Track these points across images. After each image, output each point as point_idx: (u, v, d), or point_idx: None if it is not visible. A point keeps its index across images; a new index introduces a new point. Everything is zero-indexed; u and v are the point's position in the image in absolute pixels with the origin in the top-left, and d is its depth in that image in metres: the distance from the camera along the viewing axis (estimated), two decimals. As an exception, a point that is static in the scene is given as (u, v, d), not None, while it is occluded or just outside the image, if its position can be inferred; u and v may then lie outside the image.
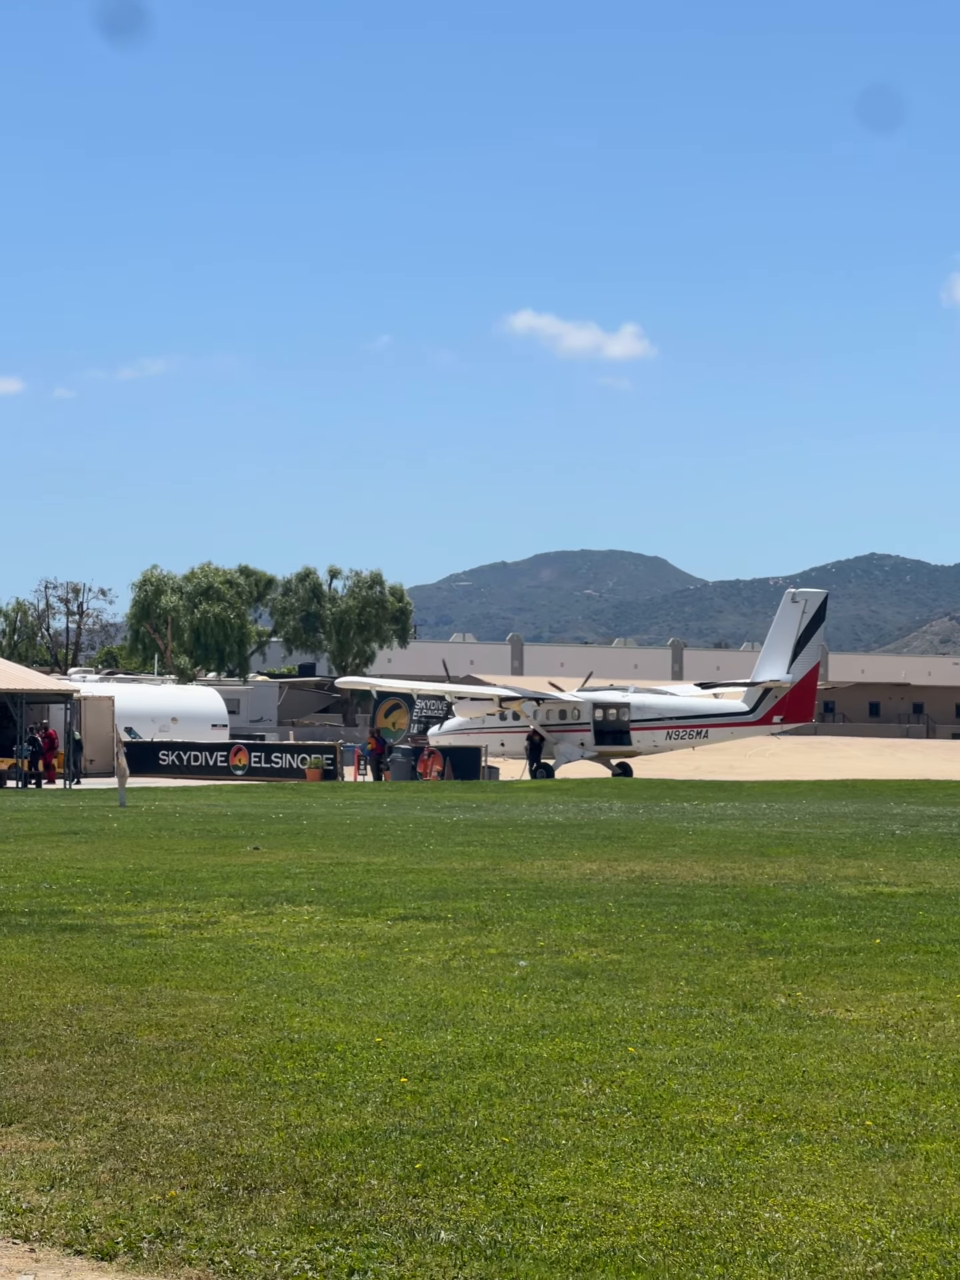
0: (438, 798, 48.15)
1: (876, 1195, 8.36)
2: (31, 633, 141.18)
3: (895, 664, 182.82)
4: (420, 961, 15.66)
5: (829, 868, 24.85)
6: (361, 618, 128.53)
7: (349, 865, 25.38)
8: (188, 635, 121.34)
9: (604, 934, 17.44)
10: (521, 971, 15.02)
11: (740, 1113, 9.90)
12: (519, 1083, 10.64)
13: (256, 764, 68.71)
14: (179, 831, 33.36)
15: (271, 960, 15.74)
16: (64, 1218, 8.17)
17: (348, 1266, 7.47)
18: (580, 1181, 8.55)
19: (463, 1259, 7.51)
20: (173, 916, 18.91)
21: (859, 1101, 10.19)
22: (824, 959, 15.78)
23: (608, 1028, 12.40)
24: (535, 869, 24.74)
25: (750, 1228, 7.88)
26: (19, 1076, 10.92)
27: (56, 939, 17.16)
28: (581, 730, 67.35)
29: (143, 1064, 11.24)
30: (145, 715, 76.48)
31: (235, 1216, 8.12)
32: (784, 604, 67.20)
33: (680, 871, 24.28)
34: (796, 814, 39.33)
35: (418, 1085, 10.57)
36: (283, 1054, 11.48)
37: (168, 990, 14.04)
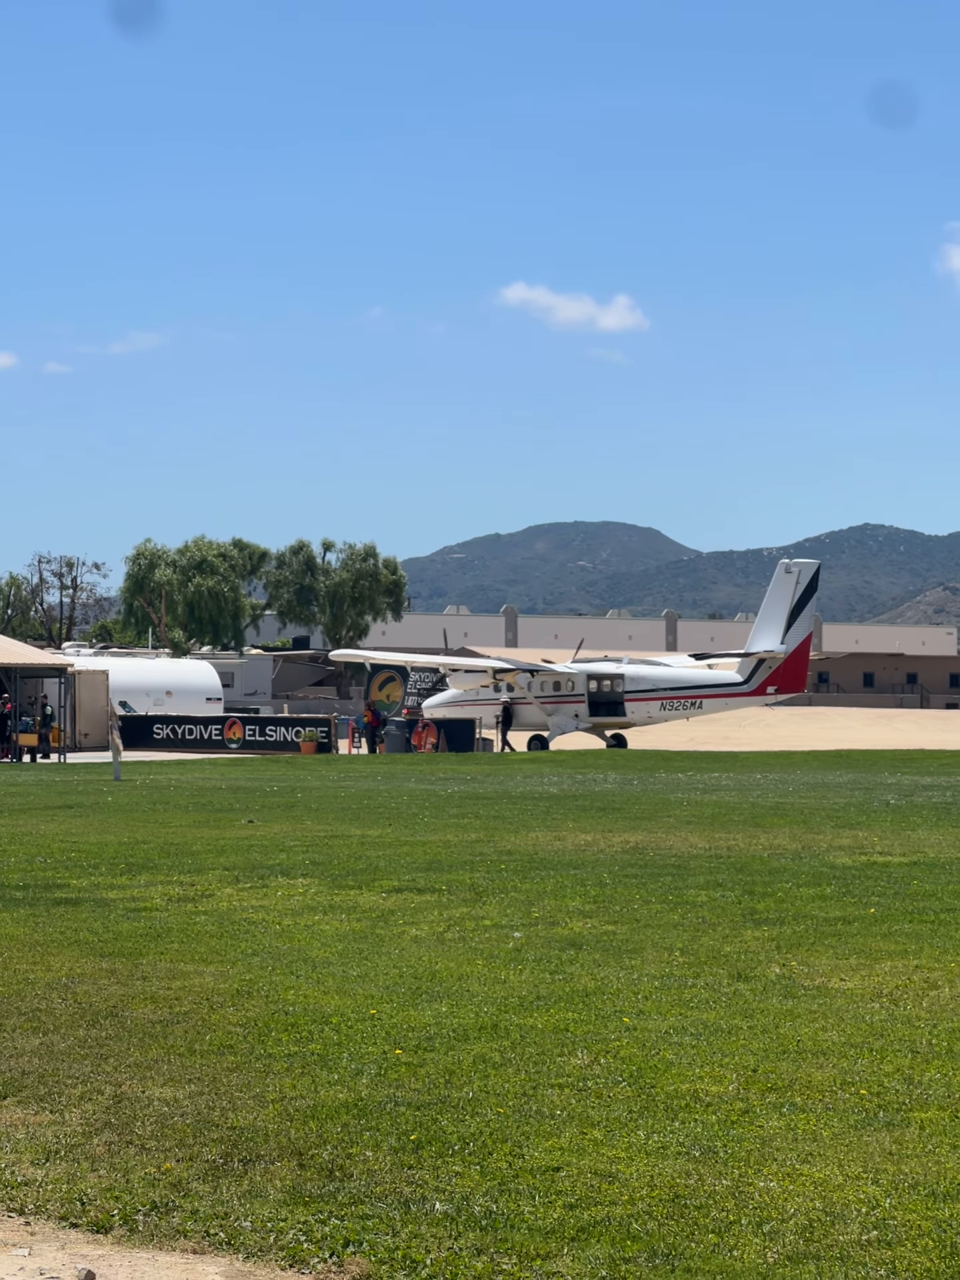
0: (432, 770, 48.15)
1: (871, 1164, 8.36)
2: (25, 607, 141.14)
3: (889, 634, 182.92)
4: (415, 934, 15.67)
5: (824, 838, 24.87)
6: (355, 590, 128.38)
7: (343, 838, 25.38)
8: (182, 609, 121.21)
9: (599, 905, 17.45)
10: (516, 943, 15.03)
11: (735, 1082, 9.91)
12: (514, 1054, 10.65)
13: (251, 737, 68.69)
14: (173, 805, 33.35)
15: (266, 933, 15.74)
16: (59, 1191, 8.17)
17: (343, 1238, 7.47)
18: (575, 1152, 8.55)
19: (458, 1230, 7.52)
20: (167, 890, 18.91)
21: (854, 1070, 10.20)
22: (818, 929, 15.79)
23: (602, 998, 12.40)
24: (530, 841, 24.74)
25: (745, 1197, 7.88)
26: (14, 1050, 10.92)
27: (51, 913, 17.16)
28: (576, 702, 67.34)
29: (138, 1037, 11.24)
30: (139, 689, 76.44)
31: (230, 1189, 8.12)
32: (777, 574, 67.17)
33: (675, 842, 24.29)
34: (791, 784, 39.35)
35: (412, 1057, 10.57)
36: (277, 1026, 11.48)
37: (162, 963, 14.04)
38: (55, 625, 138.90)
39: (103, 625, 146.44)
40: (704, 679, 68.25)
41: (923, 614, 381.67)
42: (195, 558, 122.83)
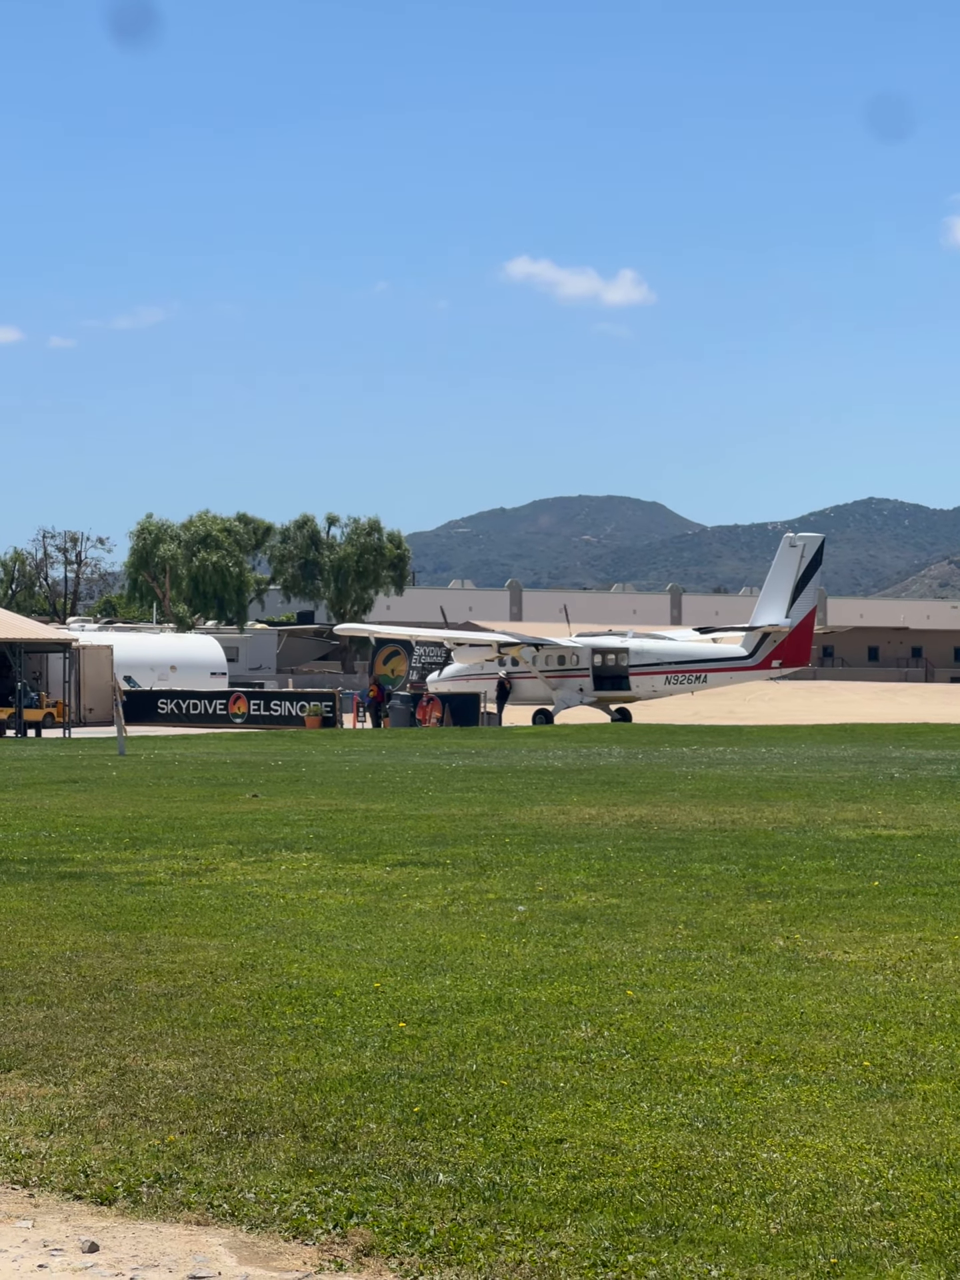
0: (437, 744, 48.17)
1: (874, 1135, 8.37)
2: (30, 582, 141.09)
3: (894, 608, 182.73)
4: (419, 907, 15.68)
5: (827, 811, 24.87)
6: (360, 565, 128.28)
7: (348, 812, 25.40)
8: (186, 583, 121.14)
9: (603, 878, 17.46)
10: (520, 916, 15.04)
11: (738, 1054, 9.91)
12: (517, 1026, 10.66)
13: (255, 712, 68.75)
14: (178, 779, 33.39)
15: (270, 907, 15.75)
16: (63, 1163, 8.18)
17: (347, 1209, 7.48)
18: (579, 1124, 8.56)
19: (461, 1201, 7.52)
20: (171, 864, 18.93)
21: (857, 1042, 10.21)
22: (822, 901, 15.80)
23: (606, 971, 12.41)
24: (534, 814, 24.76)
25: (748, 1168, 7.89)
26: (18, 1023, 10.93)
27: (55, 887, 17.18)
28: (580, 676, 67.35)
29: (142, 1010, 11.25)
30: (144, 664, 76.51)
31: (234, 1161, 8.13)
32: (782, 548, 67.13)
33: (679, 816, 24.30)
34: (795, 758, 39.36)
35: (416, 1030, 10.58)
36: (281, 1000, 11.49)
37: (166, 937, 14.06)
38: (60, 600, 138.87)
39: (107, 600, 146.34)
40: (708, 653, 68.25)
41: (927, 588, 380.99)
42: (200, 532, 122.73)
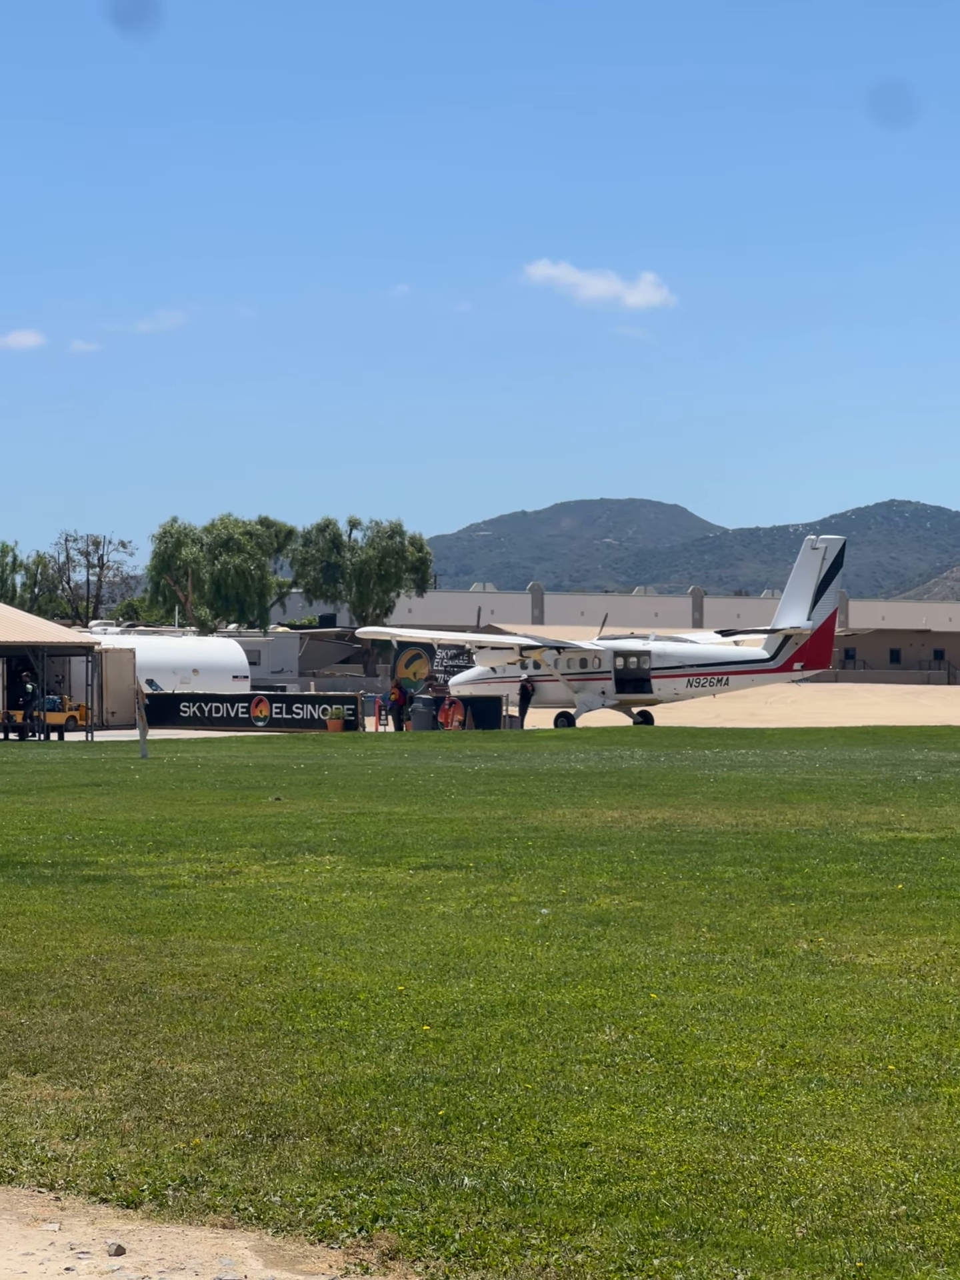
0: (459, 747, 48.17)
1: (899, 1139, 8.36)
2: (52, 586, 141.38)
3: (916, 610, 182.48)
4: (442, 910, 15.68)
5: (850, 814, 24.84)
6: (381, 568, 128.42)
7: (370, 815, 25.41)
8: (208, 587, 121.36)
9: (626, 881, 17.46)
10: (543, 919, 15.04)
11: (763, 1058, 9.91)
12: (541, 1030, 10.66)
13: (277, 715, 68.79)
14: (200, 783, 33.41)
15: (294, 910, 15.77)
16: (89, 1166, 8.20)
17: (372, 1213, 7.49)
18: (603, 1127, 8.56)
19: (486, 1204, 7.53)
20: (195, 867, 18.95)
21: (881, 1046, 10.20)
22: (846, 905, 15.78)
23: (630, 974, 12.41)
24: (557, 817, 24.75)
25: (773, 1172, 7.89)
26: (44, 1026, 10.96)
27: (80, 890, 17.21)
28: (603, 678, 67.28)
29: (166, 1013, 11.27)
30: (166, 667, 76.62)
31: (259, 1164, 8.14)
32: (804, 551, 67.02)
33: (702, 819, 24.28)
34: (818, 761, 39.30)
35: (440, 1033, 10.59)
36: (305, 1003, 11.51)
37: (190, 940, 14.08)
38: (82, 604, 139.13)
39: (129, 603, 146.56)
40: (730, 655, 68.13)
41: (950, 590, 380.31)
42: (222, 536, 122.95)
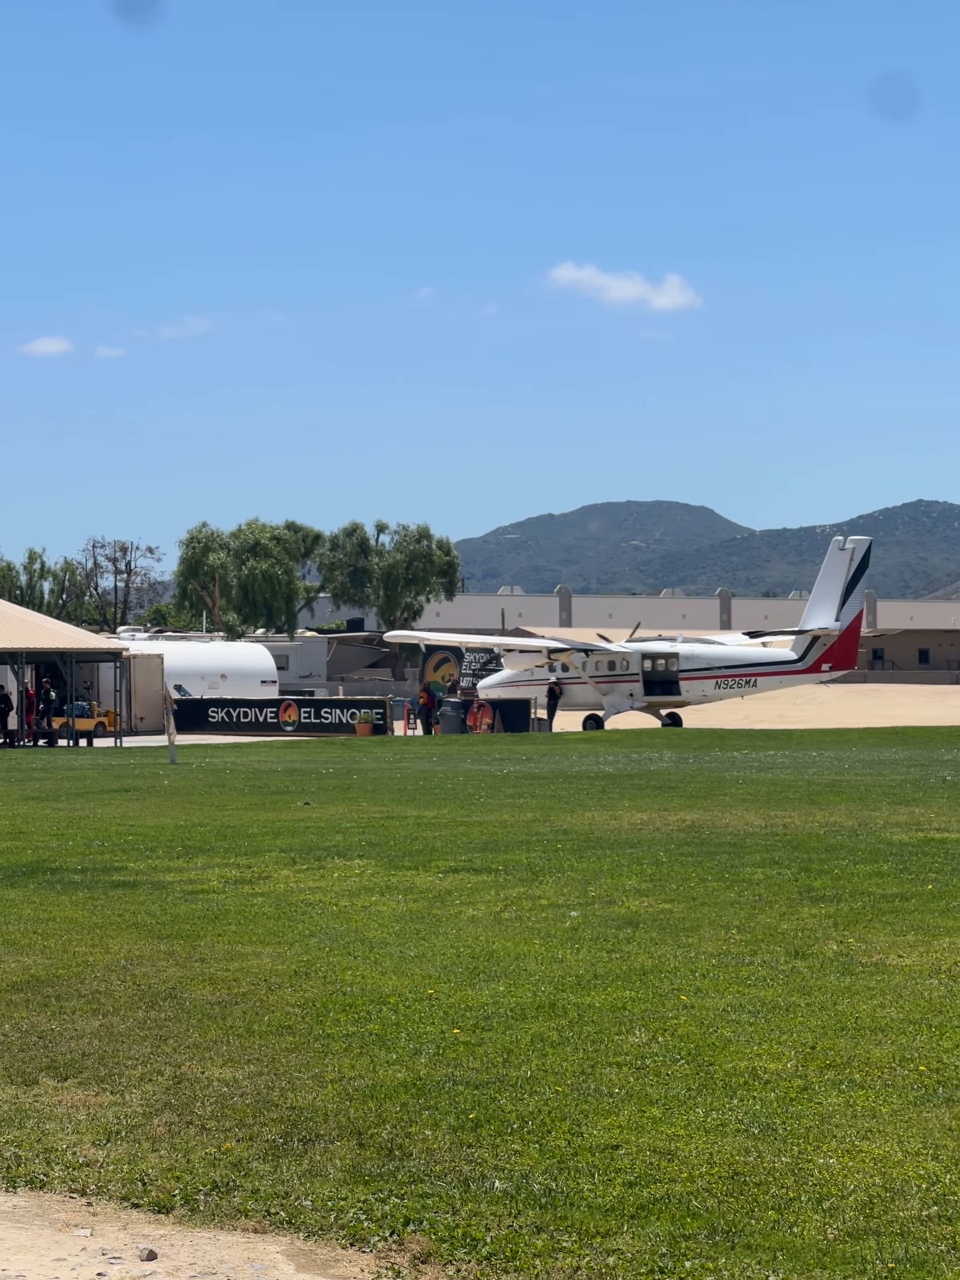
0: (487, 750, 48.18)
1: (931, 1140, 8.34)
2: (80, 592, 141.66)
3: (945, 610, 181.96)
4: (472, 914, 15.68)
5: (880, 815, 24.78)
6: (409, 572, 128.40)
7: (399, 819, 25.42)
8: (236, 592, 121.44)
9: (655, 883, 17.44)
10: (573, 922, 15.03)
11: (793, 1059, 9.89)
12: (571, 1032, 10.65)
13: (306, 719, 68.91)
14: (229, 788, 33.45)
15: (323, 914, 15.78)
16: (120, 1171, 8.21)
17: (403, 1216, 7.49)
18: (634, 1130, 8.55)
19: (517, 1208, 7.53)
20: (224, 872, 18.97)
21: (912, 1047, 10.17)
22: (876, 905, 15.74)
23: (660, 976, 12.40)
24: (586, 820, 24.73)
25: (805, 1173, 7.87)
26: (74, 1032, 10.98)
27: (109, 895, 17.24)
28: (630, 681, 67.27)
29: (196, 1018, 11.28)
30: (194, 673, 76.76)
31: (291, 1168, 8.15)
32: (831, 552, 66.97)
33: (731, 820, 24.25)
34: (847, 762, 39.23)
35: (470, 1036, 10.59)
36: (335, 1007, 11.51)
37: (220, 945, 14.09)
38: (110, 609, 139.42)
39: (157, 609, 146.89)
40: (758, 657, 68.11)
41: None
42: (249, 541, 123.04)
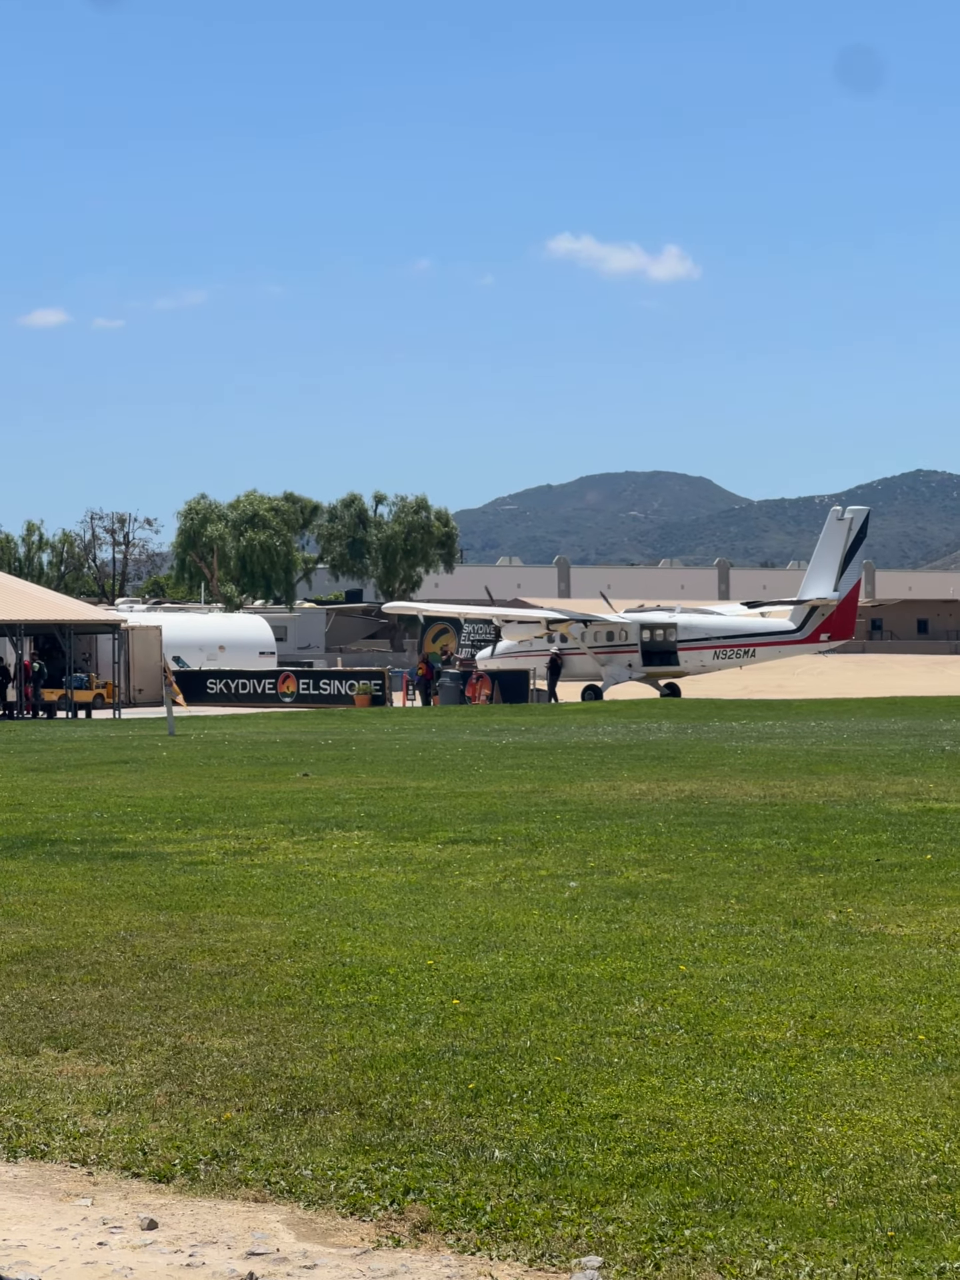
0: (486, 721, 48.19)
1: (930, 1108, 8.35)
2: (78, 564, 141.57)
3: (943, 580, 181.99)
4: (471, 884, 15.69)
5: (879, 785, 24.80)
6: (407, 543, 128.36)
7: (398, 790, 25.43)
8: (234, 563, 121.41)
9: (654, 854, 17.45)
10: (572, 892, 15.04)
11: (792, 1029, 9.90)
12: (571, 1002, 10.66)
13: (305, 691, 68.91)
14: (228, 759, 33.47)
15: (322, 885, 15.79)
16: (121, 1141, 8.22)
17: (403, 1186, 7.50)
18: (633, 1099, 8.56)
19: (517, 1177, 7.54)
20: (223, 843, 18.98)
21: (911, 1016, 10.19)
22: (875, 875, 15.76)
23: (659, 947, 12.41)
24: (585, 790, 24.75)
25: (804, 1142, 7.88)
26: (74, 1002, 10.99)
27: (109, 867, 17.25)
28: (629, 651, 67.27)
29: (196, 989, 11.29)
30: (193, 644, 76.72)
31: (291, 1138, 8.16)
32: (829, 522, 66.95)
33: (730, 790, 24.26)
34: (845, 732, 39.25)
35: (470, 1006, 10.60)
36: (335, 978, 11.52)
37: (219, 916, 14.10)
38: (108, 581, 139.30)
39: (155, 581, 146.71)
40: (757, 627, 68.12)
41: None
42: (247, 512, 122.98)
